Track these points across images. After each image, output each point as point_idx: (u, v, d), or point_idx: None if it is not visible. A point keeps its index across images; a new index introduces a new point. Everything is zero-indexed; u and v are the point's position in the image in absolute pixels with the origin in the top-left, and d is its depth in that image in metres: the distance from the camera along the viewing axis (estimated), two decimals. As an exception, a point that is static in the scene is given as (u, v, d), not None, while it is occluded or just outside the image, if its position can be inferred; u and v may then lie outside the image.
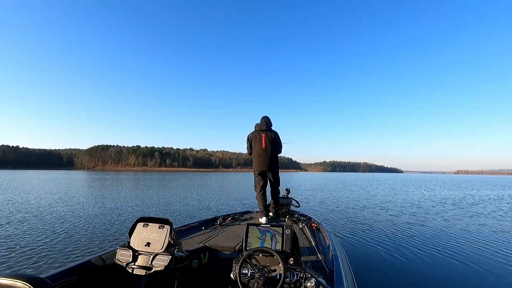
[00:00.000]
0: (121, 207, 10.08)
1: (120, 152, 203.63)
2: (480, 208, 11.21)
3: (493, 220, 8.53)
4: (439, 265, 4.32)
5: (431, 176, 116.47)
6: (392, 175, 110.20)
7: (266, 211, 3.72)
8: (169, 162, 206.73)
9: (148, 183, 26.09)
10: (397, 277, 3.89)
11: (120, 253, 1.84)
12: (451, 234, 6.47)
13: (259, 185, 3.86)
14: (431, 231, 6.67)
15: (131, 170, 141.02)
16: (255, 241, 2.02)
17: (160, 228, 1.93)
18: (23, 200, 11.67)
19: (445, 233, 6.50)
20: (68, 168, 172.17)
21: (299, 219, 3.62)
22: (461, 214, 9.53)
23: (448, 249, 5.19)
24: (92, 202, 11.30)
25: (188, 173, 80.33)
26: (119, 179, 34.31)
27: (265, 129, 3.81)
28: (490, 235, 6.45)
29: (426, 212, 9.80)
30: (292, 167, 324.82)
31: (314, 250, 2.48)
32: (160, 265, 1.75)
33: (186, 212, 9.28)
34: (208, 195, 15.43)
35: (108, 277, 1.91)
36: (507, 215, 9.62)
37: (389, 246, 5.28)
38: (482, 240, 5.90)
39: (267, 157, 3.75)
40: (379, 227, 7.10)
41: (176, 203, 11.58)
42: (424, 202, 13.30)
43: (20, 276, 1.16)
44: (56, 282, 1.54)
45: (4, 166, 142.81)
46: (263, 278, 1.69)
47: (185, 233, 2.99)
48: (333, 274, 1.87)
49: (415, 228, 6.96)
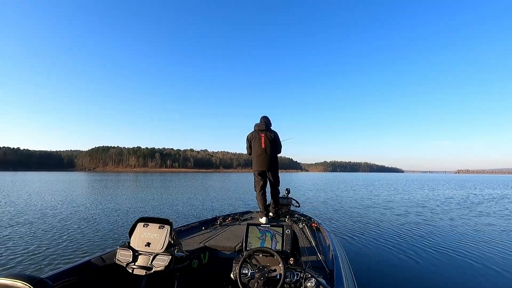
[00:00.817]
0: (121, 208, 10.09)
1: (120, 153, 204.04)
2: (484, 208, 11.17)
3: (494, 218, 8.49)
4: (439, 265, 4.31)
5: (432, 175, 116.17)
6: (393, 175, 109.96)
7: (266, 211, 3.72)
8: (170, 163, 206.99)
9: (149, 184, 26.11)
10: (397, 277, 3.88)
11: (120, 253, 1.84)
12: (451, 233, 6.45)
13: (259, 185, 3.86)
14: (431, 231, 6.64)
15: (131, 171, 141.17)
16: (255, 241, 2.01)
17: (160, 228, 1.92)
18: (24, 201, 11.69)
19: (446, 233, 6.48)
20: (69, 169, 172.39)
21: (299, 219, 3.61)
22: (464, 214, 9.49)
23: (449, 248, 5.17)
24: (92, 203, 11.31)
25: (189, 174, 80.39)
26: (119, 180, 34.35)
27: (264, 129, 3.81)
28: (492, 234, 6.42)
29: (427, 212, 9.77)
30: (293, 167, 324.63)
31: (314, 250, 2.48)
32: (160, 265, 1.75)
33: (186, 212, 9.28)
34: (208, 195, 15.43)
35: (108, 277, 1.90)
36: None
37: (389, 246, 5.26)
38: (482, 239, 5.87)
39: (267, 157, 3.75)
40: (379, 227, 7.08)
41: (176, 203, 11.58)
42: (425, 202, 13.25)
43: (20, 276, 1.16)
44: (56, 282, 1.54)
45: (5, 168, 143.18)
46: (263, 278, 1.68)
47: (185, 233, 2.99)
48: (333, 274, 1.86)
49: (415, 228, 6.93)
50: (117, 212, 9.11)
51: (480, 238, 6.06)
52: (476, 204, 12.37)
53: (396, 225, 7.36)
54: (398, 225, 7.29)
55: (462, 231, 6.72)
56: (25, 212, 8.76)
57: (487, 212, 9.98)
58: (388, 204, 12.15)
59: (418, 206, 11.55)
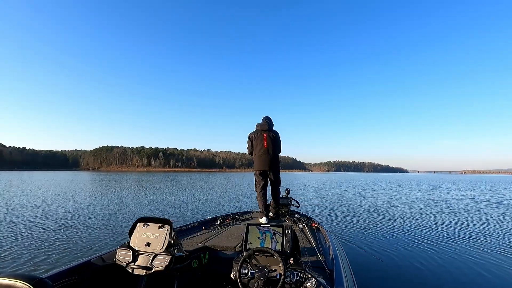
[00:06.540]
0: (122, 207, 10.15)
1: (124, 153, 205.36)
2: (492, 209, 11.02)
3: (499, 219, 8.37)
4: (439, 265, 4.27)
5: (438, 176, 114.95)
6: (399, 175, 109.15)
7: (266, 211, 3.72)
8: (173, 162, 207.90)
9: (151, 184, 26.24)
10: (397, 277, 3.85)
11: (120, 253, 1.84)
12: (451, 234, 6.37)
13: (259, 185, 3.85)
14: (431, 231, 6.57)
15: (135, 171, 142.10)
16: (255, 241, 2.01)
17: (160, 228, 1.93)
18: (26, 200, 11.84)
19: (446, 233, 6.40)
20: (74, 169, 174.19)
21: (299, 219, 3.60)
22: (463, 214, 9.38)
23: (449, 249, 5.12)
24: (94, 202, 11.40)
25: (192, 174, 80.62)
26: (123, 179, 34.59)
27: (267, 129, 3.81)
28: (498, 235, 6.34)
29: (427, 213, 9.65)
30: (296, 167, 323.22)
31: (314, 250, 2.47)
32: (160, 265, 1.75)
33: (186, 212, 9.30)
34: (209, 195, 15.45)
35: (108, 277, 1.91)
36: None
37: (389, 246, 5.23)
38: (484, 240, 5.80)
39: (269, 157, 3.75)
40: (380, 227, 7.02)
41: (177, 203, 11.61)
42: (425, 202, 13.13)
43: (20, 276, 1.16)
44: (56, 282, 1.55)
45: (11, 167, 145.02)
46: (263, 278, 1.69)
47: (185, 233, 3.00)
48: (333, 274, 1.86)
49: (416, 229, 6.86)
50: (118, 211, 9.17)
51: (482, 238, 5.97)
52: (478, 204, 12.24)
53: (396, 225, 7.30)
54: (398, 226, 7.23)
55: (462, 231, 6.64)
56: (25, 212, 8.85)
57: (491, 213, 9.85)
58: (389, 204, 12.05)
59: (418, 206, 11.43)
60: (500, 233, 6.52)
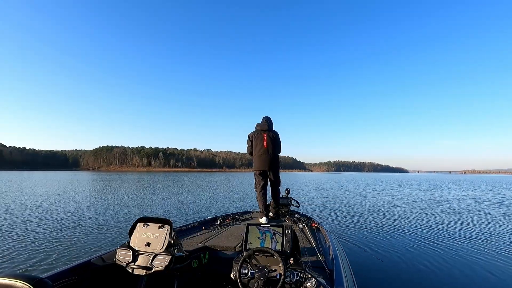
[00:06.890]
0: (122, 207, 10.15)
1: (124, 153, 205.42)
2: (494, 210, 11.01)
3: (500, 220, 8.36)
4: (440, 265, 4.26)
5: (438, 176, 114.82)
6: (399, 175, 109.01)
7: (266, 211, 3.71)
8: (173, 162, 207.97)
9: (151, 184, 26.24)
10: (397, 277, 3.84)
11: (120, 253, 1.84)
12: (451, 234, 6.37)
13: (259, 185, 3.85)
14: (431, 232, 6.56)
15: (135, 171, 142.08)
16: (255, 241, 2.01)
17: (160, 228, 1.92)
18: (25, 200, 11.84)
19: (446, 234, 6.40)
20: (74, 169, 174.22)
21: (299, 219, 3.59)
22: (464, 214, 9.37)
23: (449, 249, 5.12)
24: (93, 202, 11.40)
25: (192, 174, 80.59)
26: (123, 179, 34.59)
27: (266, 129, 3.81)
28: (495, 234, 6.33)
29: (428, 213, 9.64)
30: (296, 167, 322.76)
31: (314, 250, 2.47)
32: (160, 265, 1.75)
33: (186, 212, 9.29)
34: (209, 195, 15.45)
35: (108, 277, 1.91)
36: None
37: (389, 247, 5.22)
38: (486, 241, 5.79)
39: (269, 157, 3.75)
40: (380, 227, 7.01)
41: (177, 203, 11.60)
42: (425, 202, 13.11)
43: (20, 276, 1.16)
44: (56, 282, 1.55)
45: (11, 167, 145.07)
46: (263, 278, 1.68)
47: (185, 233, 2.99)
48: (333, 274, 1.85)
49: (416, 229, 6.85)
50: (118, 211, 9.17)
51: (484, 239, 5.97)
52: (480, 204, 12.23)
53: (396, 225, 7.29)
54: (399, 226, 7.22)
55: (463, 231, 6.63)
56: (25, 212, 8.84)
57: (493, 213, 9.84)
58: (389, 204, 12.04)
59: (419, 206, 11.43)
60: (502, 234, 6.50)
